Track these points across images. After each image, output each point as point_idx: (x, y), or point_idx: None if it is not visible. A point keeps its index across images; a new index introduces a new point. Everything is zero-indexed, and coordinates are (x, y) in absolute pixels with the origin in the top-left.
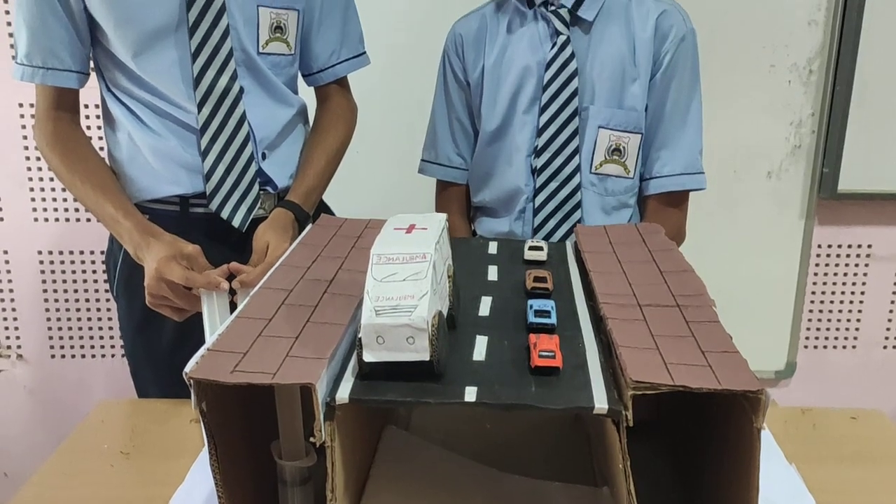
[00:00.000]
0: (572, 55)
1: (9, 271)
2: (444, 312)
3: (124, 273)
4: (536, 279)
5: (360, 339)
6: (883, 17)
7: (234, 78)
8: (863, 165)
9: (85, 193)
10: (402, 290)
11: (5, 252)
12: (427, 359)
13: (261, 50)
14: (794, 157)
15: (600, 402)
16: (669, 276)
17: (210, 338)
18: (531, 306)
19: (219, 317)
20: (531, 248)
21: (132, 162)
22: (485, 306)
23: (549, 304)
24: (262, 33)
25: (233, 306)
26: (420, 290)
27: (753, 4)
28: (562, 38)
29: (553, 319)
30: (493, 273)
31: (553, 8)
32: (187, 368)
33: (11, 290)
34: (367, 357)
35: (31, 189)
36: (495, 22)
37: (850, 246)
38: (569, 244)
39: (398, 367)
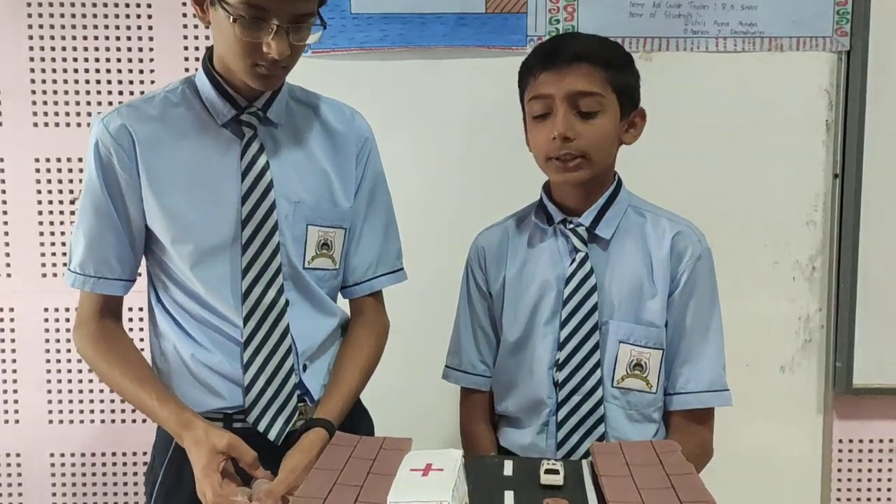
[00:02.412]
0: (591, 271)
1: (20, 474)
2: None
3: (163, 490)
4: None
5: None
6: (880, 214)
7: (280, 292)
8: (877, 360)
9: (124, 386)
10: None
11: (18, 455)
12: None
13: (307, 265)
14: (805, 352)
15: None
16: None
17: None
18: None
19: None
20: (547, 472)
21: (176, 374)
22: None
23: None
24: (308, 250)
25: None
26: None
27: (750, 205)
28: (580, 255)
29: None
30: (509, 500)
31: (572, 226)
32: None
33: (21, 494)
34: None
35: (49, 391)
36: (517, 236)
37: (871, 441)
38: (585, 464)
39: None
